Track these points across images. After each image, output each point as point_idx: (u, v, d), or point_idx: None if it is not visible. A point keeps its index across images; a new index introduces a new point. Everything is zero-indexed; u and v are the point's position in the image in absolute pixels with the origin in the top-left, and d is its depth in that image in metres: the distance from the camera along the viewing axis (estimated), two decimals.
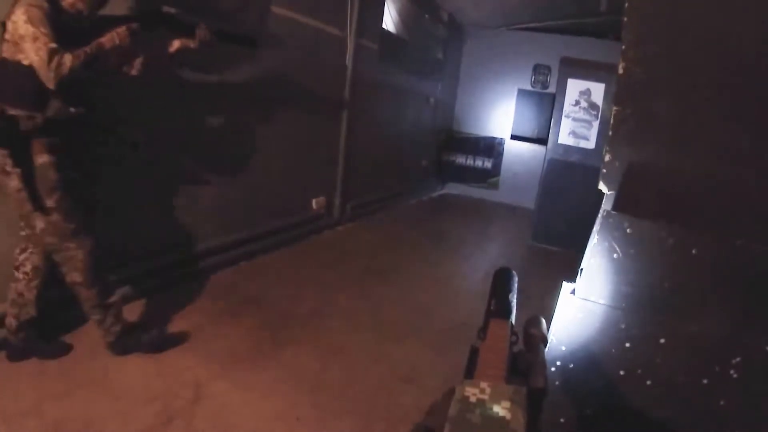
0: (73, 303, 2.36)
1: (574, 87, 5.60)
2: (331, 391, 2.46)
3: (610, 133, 1.26)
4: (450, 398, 0.57)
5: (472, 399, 0.55)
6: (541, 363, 0.69)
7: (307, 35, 4.33)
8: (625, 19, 1.29)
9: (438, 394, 0.60)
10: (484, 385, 0.57)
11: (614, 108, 1.26)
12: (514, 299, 0.80)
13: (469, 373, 0.65)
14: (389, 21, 6.04)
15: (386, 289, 3.90)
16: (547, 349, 0.79)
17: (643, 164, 1.23)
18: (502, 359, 0.65)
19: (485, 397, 0.56)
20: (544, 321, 0.79)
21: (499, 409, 0.54)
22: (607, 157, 1.26)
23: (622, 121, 1.24)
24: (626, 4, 1.28)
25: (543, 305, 2.63)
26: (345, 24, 4.86)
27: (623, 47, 1.28)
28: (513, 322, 0.75)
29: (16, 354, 2.32)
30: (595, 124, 5.55)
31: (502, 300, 0.78)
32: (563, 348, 1.19)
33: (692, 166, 1.19)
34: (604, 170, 1.27)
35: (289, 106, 4.24)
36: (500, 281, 0.84)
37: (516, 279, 0.85)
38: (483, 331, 0.73)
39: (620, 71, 1.28)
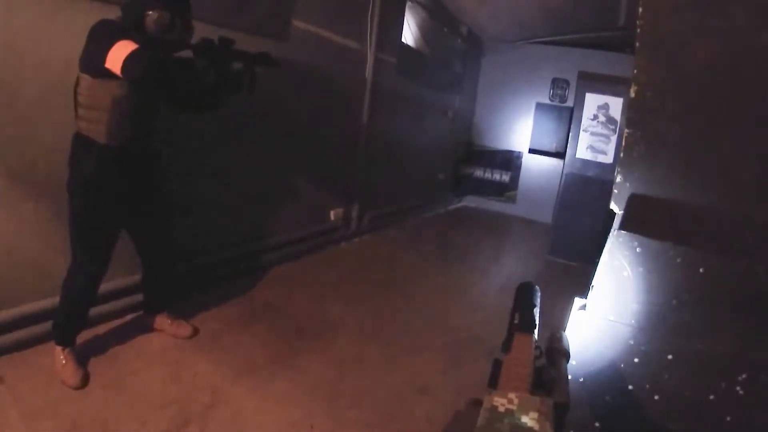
0: None
1: (592, 101, 5.59)
2: (346, 400, 2.51)
3: (622, 154, 1.30)
4: (475, 408, 0.58)
5: (501, 409, 0.57)
6: (565, 378, 0.70)
7: (328, 48, 4.43)
8: (638, 44, 1.33)
9: (452, 406, 0.62)
10: (512, 395, 0.58)
11: (626, 130, 1.30)
12: (537, 314, 0.83)
13: (493, 385, 0.66)
14: (408, 35, 6.11)
15: (402, 301, 3.93)
16: None
17: (653, 186, 1.27)
18: (526, 373, 0.66)
19: (513, 407, 0.57)
20: (567, 336, 0.81)
21: (528, 420, 0.55)
22: (618, 178, 1.30)
23: (634, 144, 1.28)
24: (638, 30, 1.32)
25: (561, 320, 2.64)
26: (365, 38, 4.96)
27: (635, 71, 1.31)
28: (536, 336, 0.78)
29: None
30: (613, 139, 5.53)
31: (526, 314, 0.80)
32: (573, 362, 1.22)
33: (701, 190, 1.23)
34: (616, 191, 1.30)
35: (309, 117, 4.33)
36: (524, 295, 0.87)
37: (539, 294, 0.88)
38: (507, 344, 0.74)
39: (632, 95, 1.31)
